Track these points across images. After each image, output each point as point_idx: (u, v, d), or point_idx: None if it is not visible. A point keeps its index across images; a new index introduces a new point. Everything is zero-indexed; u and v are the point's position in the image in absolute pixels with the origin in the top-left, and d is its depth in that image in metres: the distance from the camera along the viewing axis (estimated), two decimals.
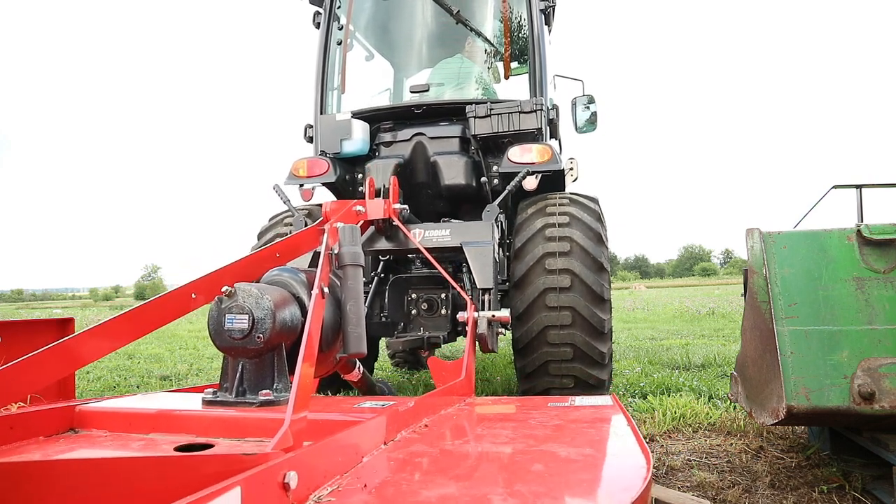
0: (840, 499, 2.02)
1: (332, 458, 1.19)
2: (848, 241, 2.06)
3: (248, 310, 1.66)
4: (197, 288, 1.89)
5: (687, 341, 7.18)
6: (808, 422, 2.35)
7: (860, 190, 3.29)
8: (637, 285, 49.10)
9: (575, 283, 2.83)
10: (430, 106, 3.51)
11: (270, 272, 1.99)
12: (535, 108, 3.23)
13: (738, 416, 3.02)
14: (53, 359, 1.53)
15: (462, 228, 2.94)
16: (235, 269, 2.01)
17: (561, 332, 2.81)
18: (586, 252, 2.88)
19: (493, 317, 2.57)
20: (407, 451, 1.39)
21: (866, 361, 1.90)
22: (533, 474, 1.18)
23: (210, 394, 1.71)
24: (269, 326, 1.66)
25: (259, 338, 1.65)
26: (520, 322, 2.91)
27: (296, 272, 1.97)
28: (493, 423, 1.74)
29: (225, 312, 1.68)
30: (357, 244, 2.09)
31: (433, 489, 1.10)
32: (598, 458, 1.34)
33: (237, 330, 1.66)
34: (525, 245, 2.97)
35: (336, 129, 3.43)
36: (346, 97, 3.89)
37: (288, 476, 1.01)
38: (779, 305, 2.02)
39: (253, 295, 1.69)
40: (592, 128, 4.12)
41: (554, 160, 3.19)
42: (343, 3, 3.89)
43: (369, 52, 4.28)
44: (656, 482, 2.17)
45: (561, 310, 2.81)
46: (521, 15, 3.77)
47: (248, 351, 1.68)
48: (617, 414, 1.71)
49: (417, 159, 3.42)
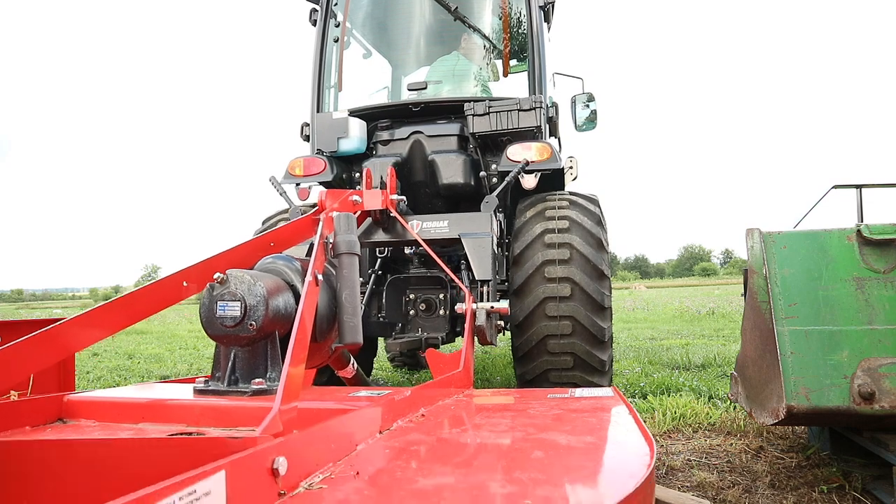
0: (840, 499, 2.02)
1: (324, 445, 1.14)
2: (848, 241, 2.06)
3: (241, 297, 1.62)
4: (189, 276, 1.83)
5: (687, 341, 7.18)
6: (808, 422, 2.35)
7: (860, 190, 3.29)
8: (637, 285, 49.10)
9: (575, 292, 2.79)
10: (428, 104, 3.48)
11: (264, 260, 1.94)
12: (535, 105, 3.19)
13: (738, 416, 3.02)
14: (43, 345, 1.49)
15: (460, 220, 2.90)
16: (228, 257, 1.96)
17: (561, 341, 2.79)
18: (587, 259, 2.84)
19: (491, 308, 2.51)
20: (403, 440, 1.35)
21: (866, 361, 1.90)
22: (533, 462, 1.14)
23: (202, 383, 1.68)
24: (261, 314, 1.62)
25: (251, 325, 1.61)
26: (520, 330, 2.88)
27: (290, 260, 1.92)
28: (492, 412, 1.71)
29: (217, 299, 1.63)
30: (353, 232, 2.06)
31: (430, 477, 1.07)
32: (600, 445, 1.30)
33: (229, 317, 1.62)
34: (524, 252, 2.93)
35: (333, 127, 3.39)
36: (343, 95, 3.84)
37: (277, 462, 0.97)
38: (779, 305, 2.02)
39: (245, 282, 1.64)
40: (592, 126, 4.09)
41: (553, 158, 3.16)
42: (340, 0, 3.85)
43: (366, 49, 4.24)
44: (656, 482, 2.17)
45: (561, 319, 2.78)
46: (520, 12, 3.73)
47: (241, 339, 1.64)
48: (618, 404, 1.68)
49: (415, 157, 3.39)
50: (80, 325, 1.58)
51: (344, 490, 1.01)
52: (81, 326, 1.59)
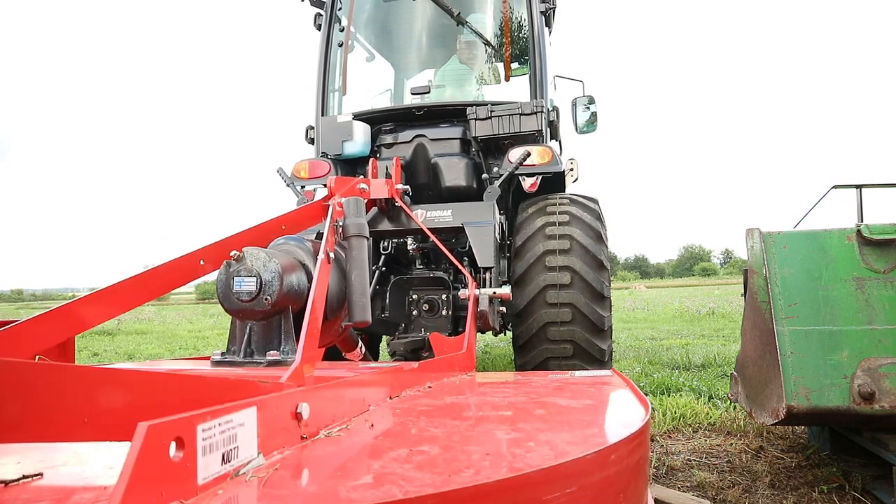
0: (840, 499, 2.02)
1: (341, 401, 1.24)
2: (848, 241, 2.06)
3: (257, 273, 1.71)
4: (205, 255, 1.91)
5: (687, 341, 7.18)
6: (808, 422, 2.35)
7: (860, 190, 3.28)
8: (637, 285, 49.09)
9: (575, 280, 2.85)
10: (431, 108, 3.53)
11: (277, 240, 2.04)
12: (536, 110, 3.26)
13: (738, 416, 3.02)
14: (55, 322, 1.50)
15: (463, 209, 2.97)
16: (242, 238, 2.05)
17: (561, 328, 2.83)
18: (586, 250, 2.91)
19: (493, 294, 2.57)
20: (412, 403, 1.44)
21: (866, 361, 1.90)
22: (535, 417, 1.23)
23: (218, 356, 1.75)
24: (276, 289, 1.71)
25: (267, 300, 1.70)
26: (520, 319, 2.92)
27: (301, 240, 2.02)
28: (496, 386, 1.80)
29: (234, 275, 1.72)
30: (362, 216, 2.16)
31: (440, 428, 1.15)
32: (599, 406, 1.40)
33: (245, 292, 1.71)
34: (525, 243, 3.00)
35: (337, 130, 3.46)
36: (347, 99, 3.89)
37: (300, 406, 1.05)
38: (779, 305, 2.02)
39: (261, 258, 1.74)
40: (593, 128, 4.15)
41: (554, 162, 3.22)
42: (344, 4, 3.91)
43: (370, 53, 4.29)
44: (656, 482, 2.17)
45: (561, 306, 2.83)
46: (521, 16, 3.79)
47: (256, 313, 1.73)
48: (617, 379, 1.77)
49: (418, 161, 3.44)
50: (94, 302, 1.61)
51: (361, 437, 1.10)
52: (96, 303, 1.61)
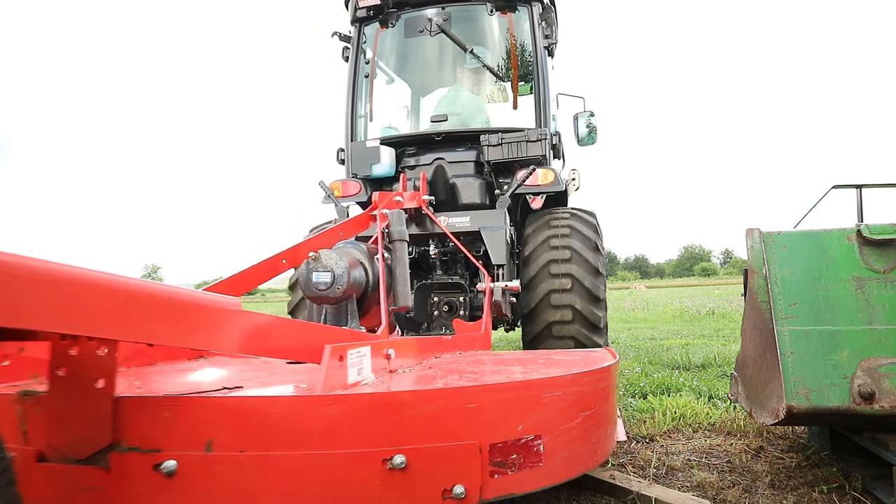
0: (840, 499, 2.02)
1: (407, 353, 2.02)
2: (848, 241, 2.06)
3: (331, 268, 2.23)
4: (286, 256, 2.60)
5: (687, 341, 7.18)
6: (808, 422, 2.35)
7: (860, 190, 3.28)
8: (637, 285, 49.09)
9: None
10: (449, 134, 4.01)
11: (339, 244, 2.64)
12: (541, 137, 3.77)
13: (738, 416, 3.02)
14: None
15: (479, 216, 3.57)
16: (312, 243, 2.73)
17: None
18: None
19: (506, 286, 3.19)
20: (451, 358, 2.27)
21: (866, 361, 1.90)
22: (539, 364, 2.03)
23: None
24: (345, 280, 2.23)
25: (339, 289, 2.23)
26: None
27: (358, 244, 2.61)
28: (509, 353, 2.55)
29: (313, 270, 2.24)
30: (403, 224, 2.81)
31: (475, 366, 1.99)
32: (583, 359, 2.18)
33: (322, 283, 2.22)
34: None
35: (366, 154, 3.93)
36: (372, 124, 4.39)
37: (389, 350, 1.85)
38: (779, 305, 2.02)
39: (333, 258, 2.26)
40: (592, 141, 4.63)
41: (556, 183, 3.74)
42: (369, 39, 4.37)
43: (390, 77, 4.74)
44: (656, 482, 2.17)
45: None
46: (527, 50, 4.26)
47: (330, 299, 2.26)
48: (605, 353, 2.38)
49: (438, 180, 3.89)
50: None
51: (424, 372, 1.86)
52: None
